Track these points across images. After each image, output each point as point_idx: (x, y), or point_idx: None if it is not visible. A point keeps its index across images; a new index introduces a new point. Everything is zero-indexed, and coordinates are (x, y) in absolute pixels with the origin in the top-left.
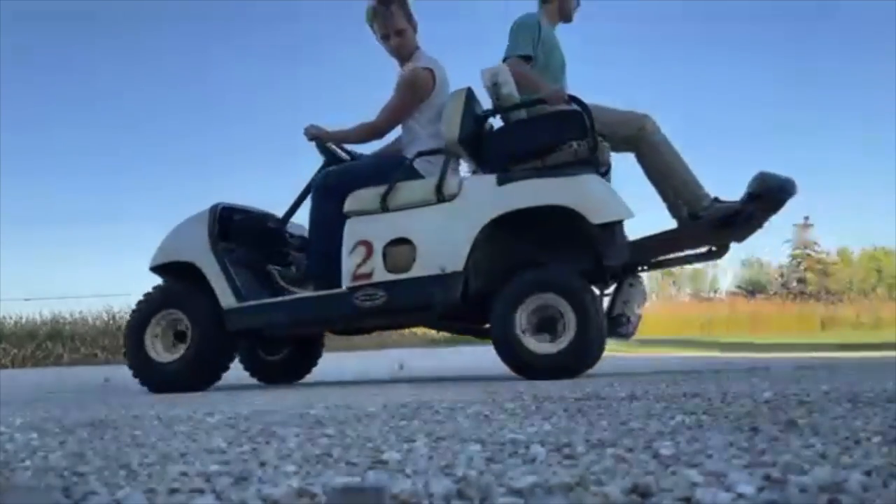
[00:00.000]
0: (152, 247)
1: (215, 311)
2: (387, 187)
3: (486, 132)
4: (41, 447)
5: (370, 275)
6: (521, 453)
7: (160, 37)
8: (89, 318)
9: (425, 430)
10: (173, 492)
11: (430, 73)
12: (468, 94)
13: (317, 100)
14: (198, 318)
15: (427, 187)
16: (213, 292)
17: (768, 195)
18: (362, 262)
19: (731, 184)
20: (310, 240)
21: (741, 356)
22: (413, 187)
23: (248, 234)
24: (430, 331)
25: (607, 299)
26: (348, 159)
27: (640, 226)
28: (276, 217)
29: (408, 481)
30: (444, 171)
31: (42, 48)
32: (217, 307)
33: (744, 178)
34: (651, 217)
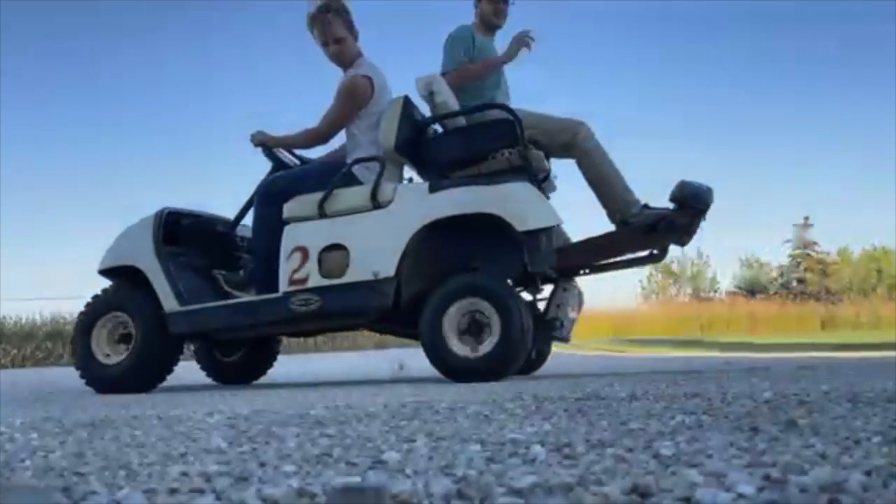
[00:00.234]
0: None
1: (159, 315)
2: (324, 194)
3: (426, 139)
4: (41, 447)
5: (306, 280)
6: (521, 453)
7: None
8: None
9: (425, 430)
10: (173, 492)
11: (368, 80)
12: (405, 102)
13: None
14: (142, 321)
15: (363, 194)
16: (157, 296)
17: (687, 203)
18: (298, 268)
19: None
20: (252, 245)
21: (741, 356)
22: (349, 194)
23: (197, 238)
24: None
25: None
26: (296, 164)
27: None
28: (225, 221)
29: (408, 481)
30: (378, 178)
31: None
32: (160, 310)
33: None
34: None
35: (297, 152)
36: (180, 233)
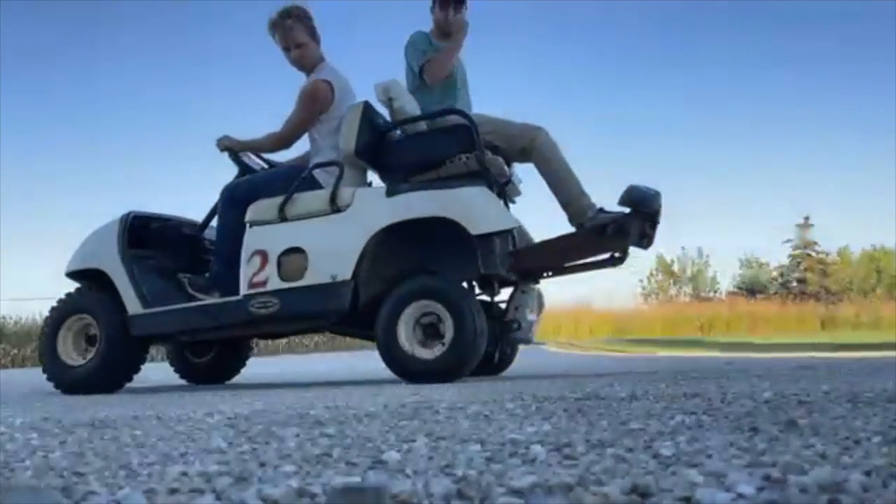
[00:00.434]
0: None
1: (123, 317)
2: (284, 197)
3: (387, 143)
4: (41, 447)
5: (265, 283)
6: (521, 453)
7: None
8: None
9: (425, 430)
10: (173, 492)
11: (328, 85)
12: (365, 107)
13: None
14: (106, 324)
15: (322, 198)
16: (121, 299)
17: (635, 207)
18: (258, 271)
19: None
20: (216, 248)
21: (741, 356)
22: (309, 198)
23: (164, 242)
24: None
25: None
26: (262, 168)
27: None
28: (193, 224)
29: (408, 481)
30: (337, 182)
31: None
32: (125, 313)
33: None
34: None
35: (266, 156)
36: (147, 236)
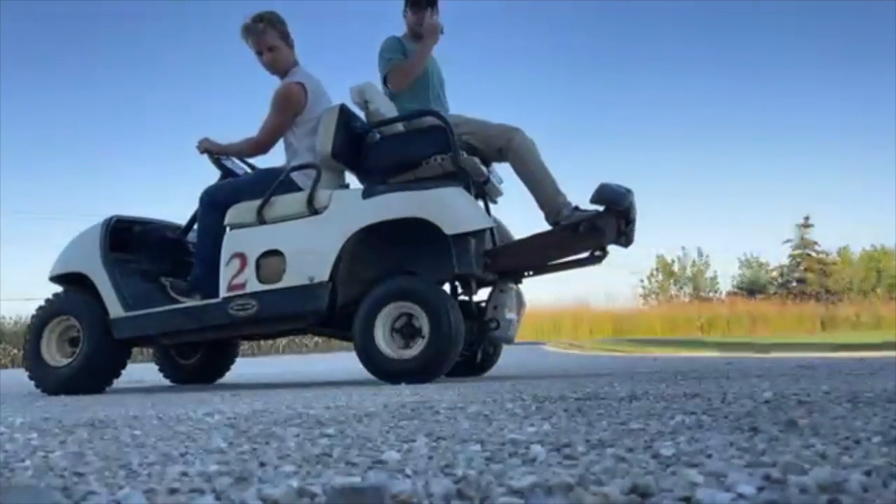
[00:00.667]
0: None
1: (105, 320)
2: (262, 200)
3: (364, 146)
4: (41, 447)
5: (244, 285)
6: (521, 453)
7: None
8: None
9: (425, 430)
10: (173, 492)
11: (301, 86)
12: (342, 110)
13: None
14: (89, 326)
15: (300, 200)
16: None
17: (607, 205)
18: (237, 273)
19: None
20: (197, 251)
21: (741, 356)
22: (287, 200)
23: (147, 245)
24: None
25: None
26: (243, 172)
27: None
28: (176, 227)
29: (408, 481)
30: (314, 184)
31: None
32: (107, 315)
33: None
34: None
35: (250, 160)
36: (130, 240)
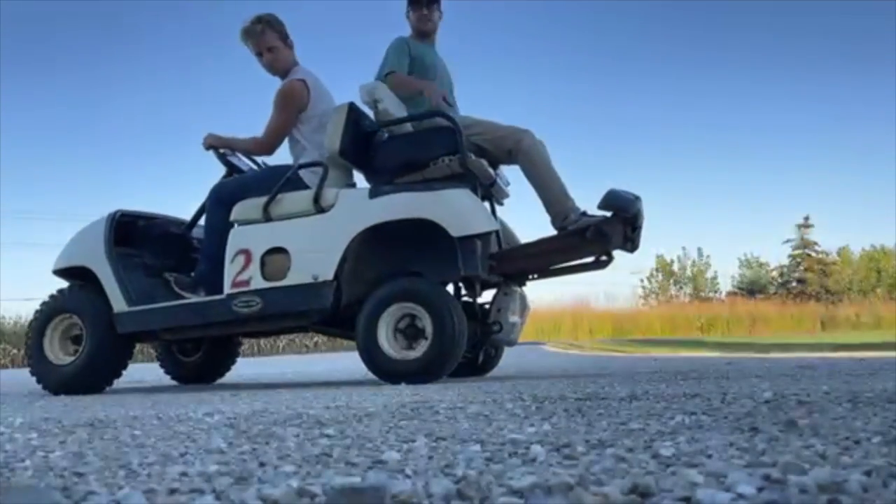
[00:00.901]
0: None
1: (109, 315)
2: (268, 197)
3: (373, 145)
4: (41, 447)
5: (248, 282)
6: (521, 453)
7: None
8: None
9: (425, 430)
10: (173, 492)
11: (302, 83)
12: (350, 108)
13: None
14: (92, 322)
15: (306, 198)
16: (107, 297)
17: (615, 211)
18: (242, 270)
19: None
20: (202, 247)
21: (741, 356)
22: (293, 198)
23: (151, 240)
24: None
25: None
26: (249, 168)
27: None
28: (181, 223)
29: (408, 481)
30: (321, 182)
31: None
32: (111, 311)
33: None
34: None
35: (257, 158)
36: (134, 234)
